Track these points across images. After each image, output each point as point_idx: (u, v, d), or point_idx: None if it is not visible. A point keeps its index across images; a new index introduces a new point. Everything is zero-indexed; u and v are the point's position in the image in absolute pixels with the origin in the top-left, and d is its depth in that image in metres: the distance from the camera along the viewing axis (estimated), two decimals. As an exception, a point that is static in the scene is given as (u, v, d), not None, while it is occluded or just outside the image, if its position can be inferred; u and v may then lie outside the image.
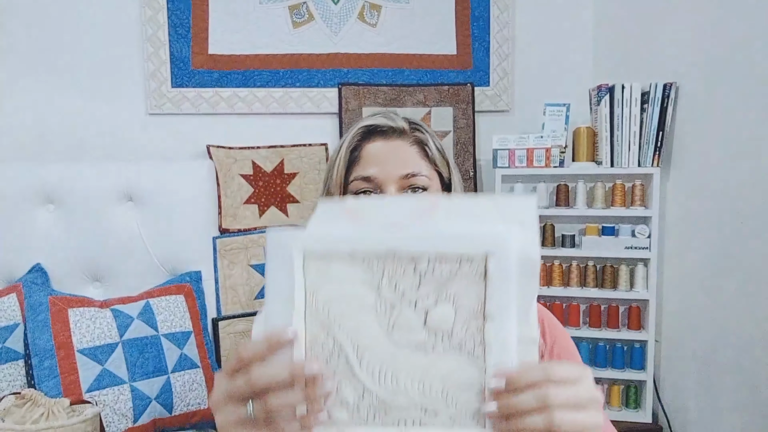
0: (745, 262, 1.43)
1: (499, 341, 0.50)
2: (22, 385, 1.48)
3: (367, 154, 0.79)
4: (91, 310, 1.57)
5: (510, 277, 0.50)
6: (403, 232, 0.51)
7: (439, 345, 0.51)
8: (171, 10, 1.98)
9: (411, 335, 0.51)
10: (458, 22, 2.09)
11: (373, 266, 0.52)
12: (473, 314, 0.51)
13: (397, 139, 0.80)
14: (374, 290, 0.51)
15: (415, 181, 0.77)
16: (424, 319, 0.51)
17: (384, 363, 0.51)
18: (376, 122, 0.80)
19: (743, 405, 1.44)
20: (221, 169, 1.92)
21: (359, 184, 0.78)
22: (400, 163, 0.78)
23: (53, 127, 1.97)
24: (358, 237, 0.52)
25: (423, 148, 0.81)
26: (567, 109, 1.89)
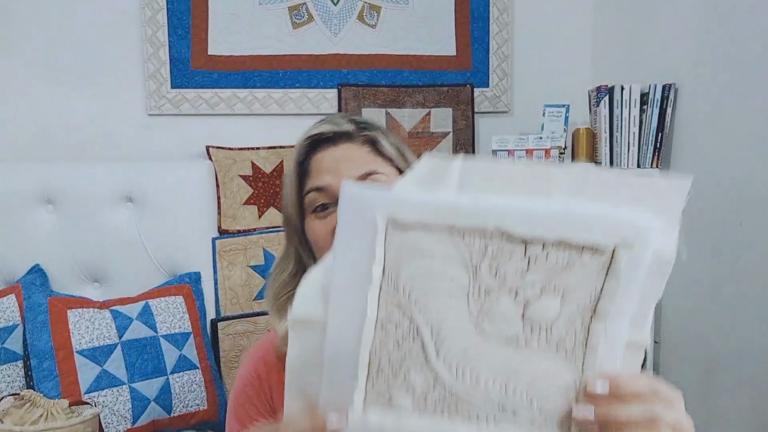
0: (745, 263, 1.43)
1: (605, 344, 0.43)
2: (21, 386, 1.48)
3: (317, 165, 0.75)
4: (90, 311, 1.57)
5: (638, 276, 0.43)
6: (518, 209, 0.43)
7: (534, 341, 0.43)
8: (171, 10, 1.98)
9: (503, 327, 0.43)
10: (458, 23, 2.09)
11: (474, 244, 0.43)
12: (582, 311, 0.43)
13: (346, 142, 0.76)
14: (469, 271, 0.43)
15: (372, 180, 0.73)
16: (522, 311, 0.43)
17: (466, 354, 0.44)
18: (321, 130, 0.76)
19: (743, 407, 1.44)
20: (221, 169, 1.92)
21: (314, 196, 0.74)
22: (353, 166, 0.73)
23: (53, 127, 1.97)
24: (462, 209, 0.43)
25: (375, 147, 0.76)
26: (566, 110, 1.89)
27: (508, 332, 0.44)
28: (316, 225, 0.73)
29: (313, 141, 0.77)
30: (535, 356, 0.44)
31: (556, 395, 0.44)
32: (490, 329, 0.44)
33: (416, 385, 0.45)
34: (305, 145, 0.77)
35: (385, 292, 0.44)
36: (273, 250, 1.88)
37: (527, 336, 0.44)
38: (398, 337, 0.44)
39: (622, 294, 0.43)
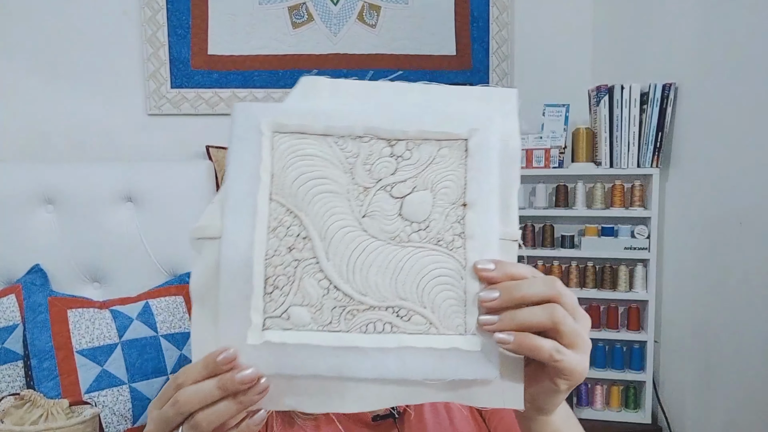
0: (745, 262, 1.43)
1: (481, 233, 0.46)
2: (21, 386, 1.48)
3: None
4: (91, 310, 1.57)
5: (491, 160, 0.47)
6: (381, 110, 0.47)
7: (415, 235, 0.46)
8: (171, 10, 1.98)
9: (385, 224, 0.46)
10: (458, 22, 2.09)
11: (348, 146, 0.47)
12: (453, 202, 0.46)
13: None
14: (347, 173, 0.47)
15: None
16: (399, 207, 0.46)
17: (353, 254, 0.46)
18: None
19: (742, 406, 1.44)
20: (221, 169, 1.92)
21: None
22: None
23: (53, 127, 1.97)
24: (334, 114, 0.47)
25: None
26: (566, 109, 1.89)
27: (390, 229, 0.46)
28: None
29: None
30: (419, 252, 0.46)
31: (446, 291, 0.46)
32: (373, 227, 0.46)
33: (311, 293, 0.46)
34: None
35: (275, 195, 0.46)
36: (273, 250, 1.88)
37: (408, 232, 0.46)
38: (289, 243, 0.46)
39: (483, 179, 0.46)
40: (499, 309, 0.44)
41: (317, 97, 0.49)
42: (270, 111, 0.47)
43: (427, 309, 0.46)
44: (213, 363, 0.44)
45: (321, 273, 0.46)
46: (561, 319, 0.43)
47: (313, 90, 0.49)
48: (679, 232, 1.75)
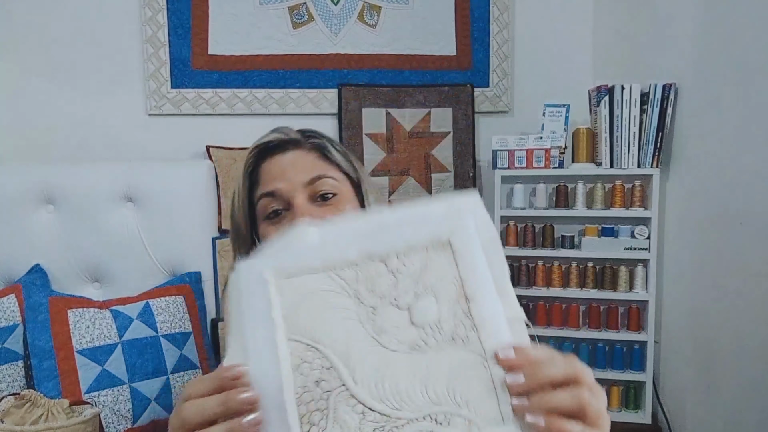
0: (745, 263, 1.43)
1: (489, 320, 0.48)
2: (22, 386, 1.48)
3: (266, 172, 0.76)
4: (91, 310, 1.57)
5: (477, 252, 0.49)
6: (364, 232, 0.51)
7: (431, 339, 0.48)
8: (171, 10, 1.98)
9: (401, 336, 0.48)
10: (458, 23, 2.09)
11: (347, 275, 0.50)
12: (456, 299, 0.49)
13: (294, 149, 0.77)
14: (353, 298, 0.50)
15: (321, 184, 0.74)
16: (409, 317, 0.49)
17: (379, 371, 0.47)
18: (268, 139, 0.77)
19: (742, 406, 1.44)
20: (221, 169, 1.92)
21: (265, 202, 0.74)
22: (302, 170, 0.74)
23: (53, 127, 1.97)
24: (328, 248, 0.51)
25: (323, 153, 0.78)
26: (566, 110, 1.89)
27: (407, 339, 0.48)
28: (270, 231, 0.73)
29: (261, 150, 0.78)
30: (439, 353, 0.48)
31: (476, 387, 0.47)
32: (390, 341, 0.48)
33: (348, 421, 0.46)
34: (254, 154, 0.78)
35: (291, 335, 0.49)
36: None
37: (424, 338, 0.48)
38: (315, 377, 0.48)
39: (476, 273, 0.49)
40: (527, 391, 0.46)
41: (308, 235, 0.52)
42: (270, 260, 0.51)
43: (462, 408, 0.46)
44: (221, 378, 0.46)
45: (353, 398, 0.47)
46: (587, 402, 0.45)
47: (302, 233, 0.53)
48: (679, 232, 1.75)
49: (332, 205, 0.73)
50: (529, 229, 1.93)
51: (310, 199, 0.73)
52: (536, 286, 1.91)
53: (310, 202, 0.73)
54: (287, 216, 0.73)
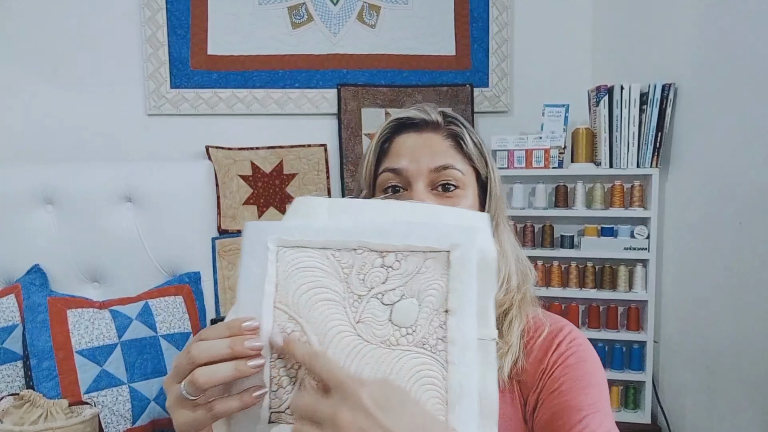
0: (744, 262, 1.43)
1: (460, 338, 0.51)
2: (21, 386, 1.48)
3: (397, 147, 0.75)
4: (90, 311, 1.57)
5: (470, 271, 0.51)
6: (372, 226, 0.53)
7: (403, 339, 0.51)
8: (170, 10, 1.98)
9: (376, 329, 0.51)
10: (457, 22, 2.09)
11: (344, 259, 0.53)
12: (436, 309, 0.51)
13: (431, 132, 0.75)
14: (343, 282, 0.52)
15: (447, 174, 0.72)
16: (389, 314, 0.51)
17: (348, 357, 0.50)
18: (409, 114, 0.76)
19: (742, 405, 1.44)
20: (220, 169, 1.92)
21: (387, 176, 0.74)
22: (432, 155, 0.73)
23: (53, 127, 1.97)
24: (331, 230, 0.53)
25: (458, 142, 0.75)
26: (566, 110, 1.89)
27: (381, 333, 0.51)
28: None
29: (399, 124, 0.77)
30: (406, 354, 0.51)
31: (430, 390, 0.50)
32: (366, 332, 0.51)
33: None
34: (391, 126, 0.77)
35: (278, 304, 0.52)
36: (273, 250, 1.88)
37: (397, 336, 0.51)
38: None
39: (463, 289, 0.51)
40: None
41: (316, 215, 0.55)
42: (276, 228, 0.53)
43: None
44: (237, 327, 0.49)
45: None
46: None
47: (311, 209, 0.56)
48: (678, 232, 1.74)
49: (451, 197, 0.72)
50: (528, 229, 1.93)
51: (431, 186, 0.72)
52: (536, 286, 1.91)
53: (431, 189, 0.72)
54: (404, 195, 0.72)
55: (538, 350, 0.72)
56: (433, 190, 0.72)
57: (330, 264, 0.52)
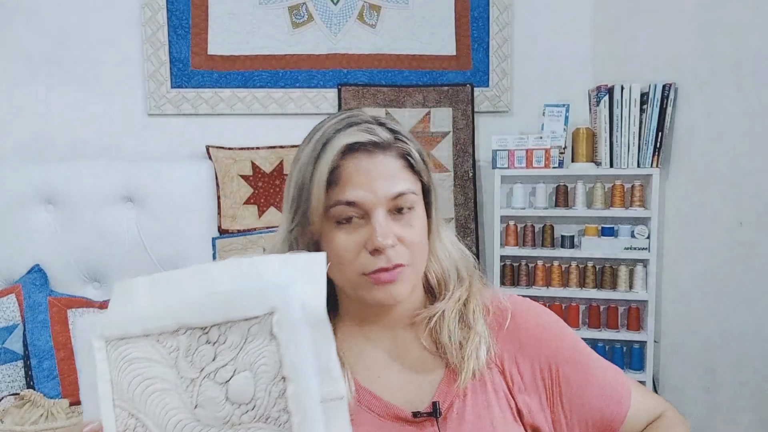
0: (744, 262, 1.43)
1: (301, 407, 0.47)
2: (21, 386, 1.48)
3: (348, 174, 0.69)
4: (90, 310, 1.57)
5: (299, 331, 0.48)
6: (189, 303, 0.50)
7: (245, 416, 0.48)
8: (171, 10, 1.98)
9: (216, 411, 0.49)
10: (457, 22, 2.09)
11: (168, 342, 0.50)
12: (273, 378, 0.48)
13: (381, 153, 0.70)
14: (173, 368, 0.50)
15: (405, 200, 0.69)
16: (225, 392, 0.49)
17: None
18: (358, 139, 0.69)
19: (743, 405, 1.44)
20: (220, 169, 1.92)
21: (343, 209, 0.68)
22: (387, 182, 0.69)
23: (53, 127, 1.97)
24: (148, 315, 0.51)
25: (407, 160, 0.72)
26: (566, 109, 1.89)
27: (221, 415, 0.49)
28: (342, 237, 0.69)
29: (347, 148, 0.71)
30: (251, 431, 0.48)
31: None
32: (206, 416, 0.49)
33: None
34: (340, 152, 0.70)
35: (118, 401, 0.50)
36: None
37: (238, 415, 0.49)
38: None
39: (296, 352, 0.48)
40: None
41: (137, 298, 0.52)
42: (96, 325, 0.51)
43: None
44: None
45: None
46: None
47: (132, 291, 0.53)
48: (678, 232, 1.75)
49: (406, 219, 0.70)
50: (528, 229, 1.93)
51: (389, 213, 0.69)
52: (536, 285, 1.91)
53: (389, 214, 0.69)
54: (361, 225, 0.68)
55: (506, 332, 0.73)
56: (390, 214, 0.69)
57: (157, 351, 0.50)
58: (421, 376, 0.72)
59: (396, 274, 0.68)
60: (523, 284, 1.92)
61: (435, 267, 0.75)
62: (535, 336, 0.73)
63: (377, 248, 0.67)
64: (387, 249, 0.67)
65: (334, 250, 0.70)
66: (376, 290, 0.69)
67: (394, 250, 0.68)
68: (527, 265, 1.93)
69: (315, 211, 0.70)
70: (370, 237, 0.67)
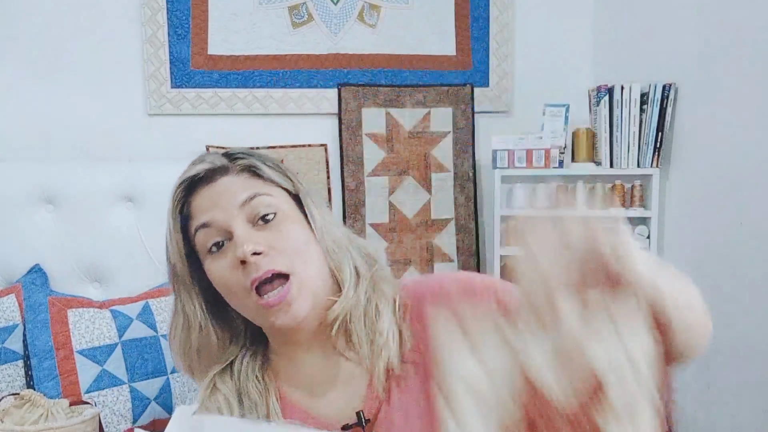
0: (744, 262, 1.43)
1: None
2: (21, 386, 1.48)
3: (197, 206, 0.72)
4: (91, 310, 1.57)
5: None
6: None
7: None
8: (171, 10, 1.98)
9: None
10: (458, 22, 2.09)
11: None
12: None
13: (223, 177, 0.71)
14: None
15: (258, 204, 0.68)
16: None
17: None
18: (194, 172, 0.72)
19: (742, 405, 1.44)
20: (221, 169, 1.91)
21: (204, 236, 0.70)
22: (234, 194, 0.69)
23: (53, 127, 1.97)
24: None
25: (253, 172, 0.72)
26: (566, 109, 1.89)
27: None
28: (215, 267, 0.69)
29: (189, 184, 0.74)
30: None
31: None
32: None
33: None
34: (181, 190, 0.74)
35: None
36: (273, 250, 1.88)
37: None
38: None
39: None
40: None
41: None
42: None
43: None
44: None
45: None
46: None
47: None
48: (678, 232, 1.74)
49: (274, 226, 0.68)
50: (528, 229, 1.93)
51: (250, 222, 0.69)
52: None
53: (252, 226, 0.68)
54: (230, 247, 0.68)
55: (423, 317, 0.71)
56: (255, 226, 0.68)
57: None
58: (351, 386, 0.70)
59: (284, 294, 0.65)
60: (523, 284, 1.92)
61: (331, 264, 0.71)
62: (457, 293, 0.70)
63: (241, 258, 0.65)
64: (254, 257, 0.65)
65: (214, 281, 0.70)
66: (273, 316, 0.66)
67: (266, 258, 0.66)
68: (527, 265, 1.93)
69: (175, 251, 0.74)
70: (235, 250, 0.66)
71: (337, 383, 0.71)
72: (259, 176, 0.72)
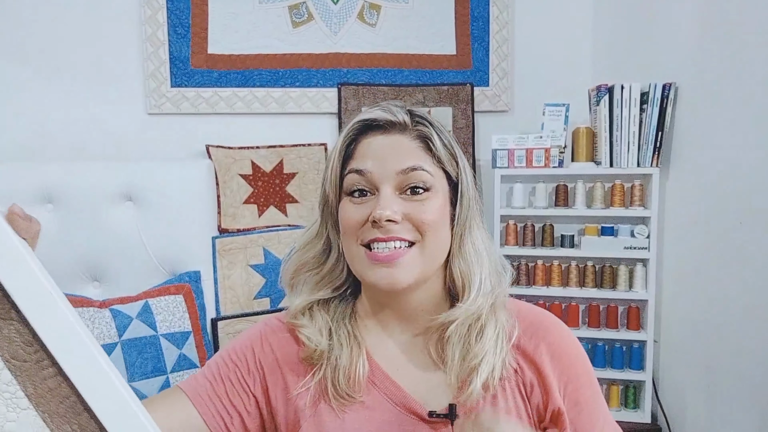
0: (745, 262, 1.43)
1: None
2: (21, 385, 1.48)
3: (363, 149, 0.72)
4: (90, 310, 1.57)
5: None
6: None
7: None
8: (170, 9, 1.98)
9: None
10: (458, 22, 2.09)
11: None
12: None
13: (397, 134, 0.72)
14: None
15: (415, 176, 0.69)
16: None
17: None
18: (374, 116, 0.72)
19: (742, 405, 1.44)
20: (220, 169, 1.91)
21: (353, 179, 0.70)
22: (399, 157, 0.69)
23: (53, 127, 1.97)
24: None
25: (427, 143, 0.72)
26: (566, 109, 1.89)
27: None
28: (349, 209, 0.70)
29: (365, 125, 0.73)
30: None
31: None
32: None
33: None
34: (355, 127, 0.73)
35: None
36: (273, 249, 1.88)
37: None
38: None
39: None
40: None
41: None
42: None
43: None
44: None
45: None
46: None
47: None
48: (679, 232, 1.74)
49: (419, 201, 0.69)
50: (528, 229, 1.93)
51: (398, 189, 0.69)
52: (536, 285, 1.91)
53: (399, 192, 0.69)
54: (370, 200, 0.69)
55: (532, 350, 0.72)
56: (402, 194, 0.69)
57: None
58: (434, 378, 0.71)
59: (396, 255, 0.66)
60: (522, 284, 1.92)
61: (461, 266, 0.71)
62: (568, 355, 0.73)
63: (375, 219, 0.66)
64: (387, 223, 0.66)
65: (342, 219, 0.71)
66: (372, 269, 0.67)
67: (398, 226, 0.67)
68: (527, 265, 1.93)
69: (330, 181, 0.73)
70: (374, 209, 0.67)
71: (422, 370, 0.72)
72: (429, 150, 0.73)
